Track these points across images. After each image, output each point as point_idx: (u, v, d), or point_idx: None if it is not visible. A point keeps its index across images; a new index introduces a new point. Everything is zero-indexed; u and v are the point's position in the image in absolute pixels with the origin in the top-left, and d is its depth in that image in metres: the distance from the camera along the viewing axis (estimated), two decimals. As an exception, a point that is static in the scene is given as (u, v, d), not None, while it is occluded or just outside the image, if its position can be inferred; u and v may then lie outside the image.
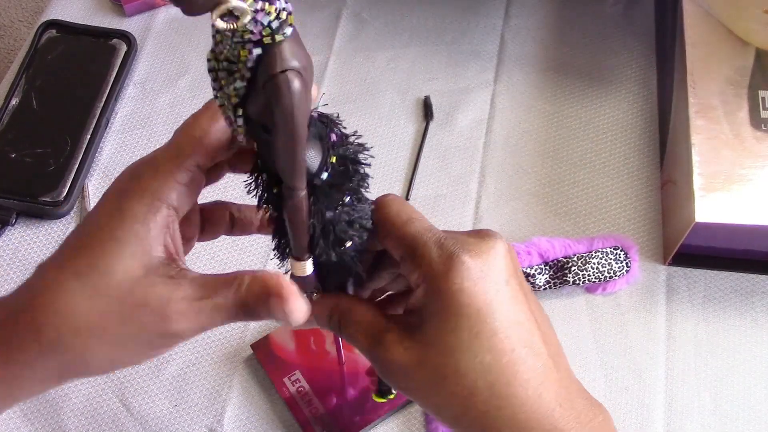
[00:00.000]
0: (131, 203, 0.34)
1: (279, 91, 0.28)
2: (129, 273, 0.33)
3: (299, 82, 0.28)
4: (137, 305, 0.33)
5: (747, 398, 0.57)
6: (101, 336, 0.34)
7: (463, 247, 0.35)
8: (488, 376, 0.34)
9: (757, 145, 0.58)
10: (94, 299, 0.33)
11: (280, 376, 0.57)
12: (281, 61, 0.28)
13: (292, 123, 0.29)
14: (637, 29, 0.74)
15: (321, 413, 0.55)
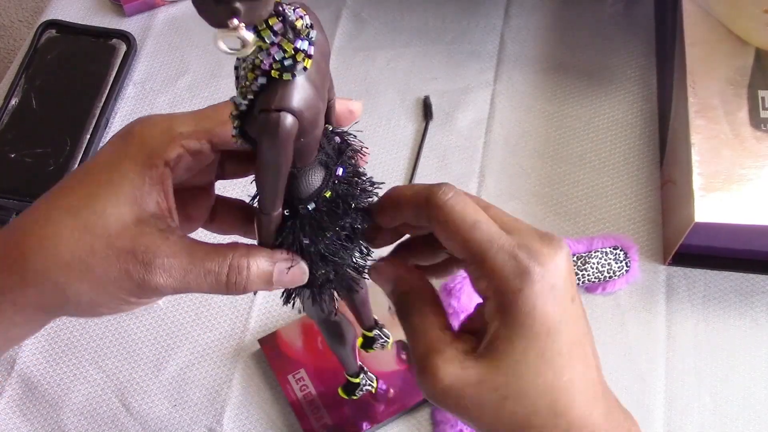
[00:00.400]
0: (133, 151, 0.34)
1: (267, 126, 0.29)
2: (120, 217, 0.34)
3: (289, 126, 0.29)
4: (124, 250, 0.33)
5: (747, 398, 0.57)
6: (85, 274, 0.34)
7: (536, 260, 0.33)
8: (550, 396, 0.34)
9: (757, 144, 0.58)
10: (83, 236, 0.33)
11: (285, 373, 0.57)
12: (279, 99, 0.29)
13: (270, 160, 0.30)
14: (637, 29, 0.74)
15: (323, 413, 0.55)
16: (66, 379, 0.59)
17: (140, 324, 0.61)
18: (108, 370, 0.59)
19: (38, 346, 0.60)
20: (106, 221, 0.33)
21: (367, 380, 0.52)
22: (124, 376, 0.59)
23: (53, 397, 0.58)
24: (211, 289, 0.35)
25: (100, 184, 0.34)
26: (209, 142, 0.36)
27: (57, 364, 0.59)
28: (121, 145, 0.35)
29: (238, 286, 0.35)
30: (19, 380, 0.59)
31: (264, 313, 0.61)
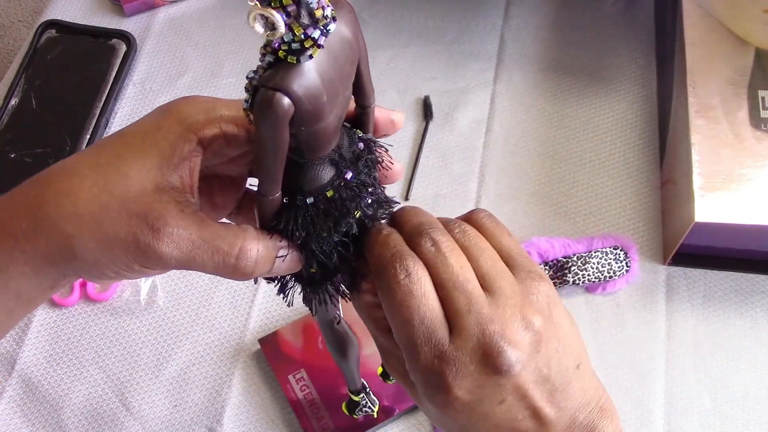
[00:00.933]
0: (169, 123, 0.35)
1: (261, 103, 0.29)
2: (141, 182, 0.34)
3: (283, 107, 0.29)
4: (136, 212, 0.33)
5: (746, 398, 0.57)
6: (93, 230, 0.33)
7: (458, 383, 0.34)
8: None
9: (757, 144, 0.58)
10: (101, 193, 0.33)
11: (285, 373, 0.57)
12: (279, 79, 0.29)
13: (263, 138, 0.30)
14: (637, 29, 0.74)
15: (323, 413, 0.55)
16: (66, 379, 0.59)
17: (140, 324, 0.61)
18: (108, 370, 0.59)
19: (39, 347, 0.60)
20: (126, 183, 0.33)
21: (368, 401, 0.52)
22: (125, 376, 0.59)
23: (54, 398, 0.58)
24: (216, 268, 0.35)
25: (130, 147, 0.34)
26: (247, 131, 0.36)
27: (57, 365, 0.59)
28: (160, 116, 0.35)
29: (246, 269, 0.35)
30: (20, 380, 0.59)
31: (264, 313, 0.61)
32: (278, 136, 0.31)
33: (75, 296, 0.61)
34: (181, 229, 0.33)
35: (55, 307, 0.62)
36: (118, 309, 0.61)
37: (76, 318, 0.61)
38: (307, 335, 0.59)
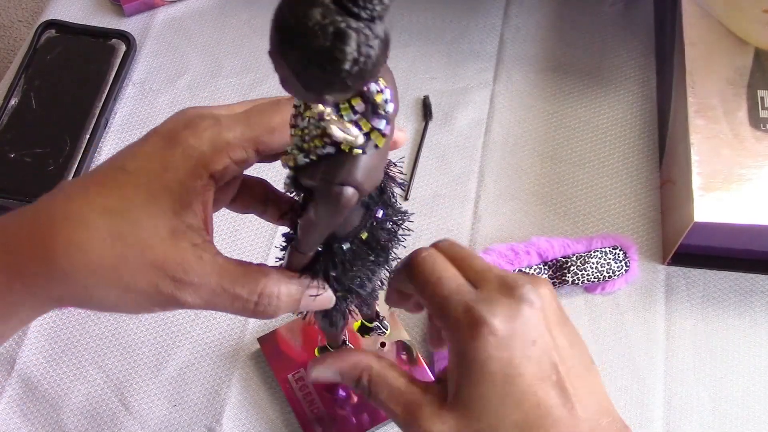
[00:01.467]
0: (177, 161, 0.33)
1: (327, 197, 0.29)
2: (155, 228, 0.33)
3: (349, 199, 0.29)
4: (154, 264, 0.33)
5: (746, 398, 0.57)
6: (113, 281, 0.33)
7: (491, 312, 0.35)
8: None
9: (757, 144, 0.58)
10: (115, 244, 0.32)
11: (284, 372, 0.57)
12: (346, 174, 0.28)
13: (322, 221, 0.30)
14: (637, 29, 0.74)
15: (322, 413, 0.55)
16: (66, 379, 0.59)
17: (140, 324, 0.61)
18: (108, 369, 0.59)
19: (38, 346, 0.60)
20: (140, 231, 0.32)
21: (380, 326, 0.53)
22: (124, 375, 0.59)
23: (53, 397, 0.58)
24: (237, 312, 0.35)
25: (138, 190, 0.33)
26: (255, 150, 0.35)
27: (57, 364, 0.59)
28: (165, 149, 0.34)
29: (267, 312, 0.35)
30: (19, 380, 0.59)
31: (263, 312, 0.61)
32: (339, 220, 0.31)
33: (74, 296, 0.61)
34: (201, 277, 0.33)
35: (55, 306, 0.62)
36: (118, 309, 0.61)
37: (75, 318, 0.61)
38: (306, 335, 0.59)
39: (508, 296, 0.36)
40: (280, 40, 0.24)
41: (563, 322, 0.40)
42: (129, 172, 0.33)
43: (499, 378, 0.35)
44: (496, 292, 0.36)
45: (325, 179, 0.29)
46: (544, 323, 0.37)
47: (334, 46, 0.23)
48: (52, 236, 0.33)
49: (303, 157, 0.30)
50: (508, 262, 0.60)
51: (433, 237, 0.64)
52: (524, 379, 0.36)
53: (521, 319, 0.36)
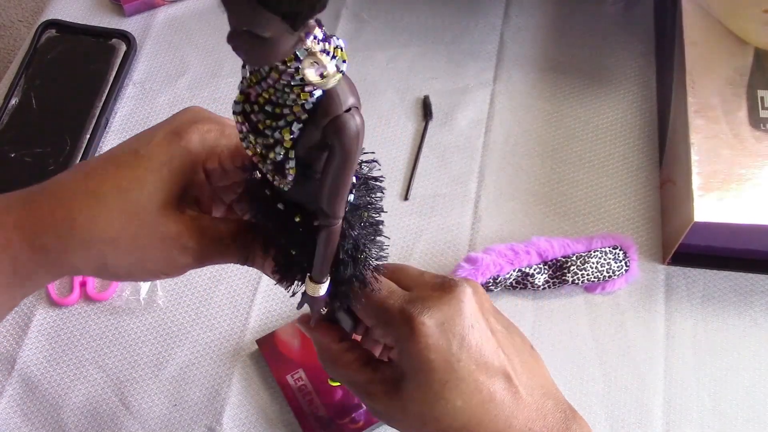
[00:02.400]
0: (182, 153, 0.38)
1: (343, 130, 0.29)
2: (163, 206, 0.37)
3: (359, 119, 0.29)
4: (165, 235, 0.37)
5: (746, 397, 0.57)
6: (129, 251, 0.38)
7: (423, 307, 0.39)
8: (461, 418, 0.39)
9: (756, 144, 0.58)
10: (131, 219, 0.37)
11: (283, 373, 0.57)
12: (344, 100, 0.29)
13: (353, 156, 0.30)
14: (637, 29, 0.74)
15: (322, 413, 0.56)
16: (66, 378, 0.59)
17: (140, 324, 0.61)
18: (108, 369, 0.59)
19: (38, 346, 0.60)
20: (152, 208, 0.37)
21: None
22: (124, 375, 0.59)
23: (53, 397, 0.58)
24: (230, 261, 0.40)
25: (149, 173, 0.37)
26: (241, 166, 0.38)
27: (57, 364, 0.59)
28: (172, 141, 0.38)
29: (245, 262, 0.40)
30: (20, 380, 0.59)
31: (263, 312, 0.61)
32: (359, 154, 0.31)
33: (75, 295, 0.61)
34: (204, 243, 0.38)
35: (55, 306, 0.62)
36: (118, 308, 0.61)
37: (75, 317, 0.61)
38: (304, 335, 0.59)
39: (441, 292, 0.40)
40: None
41: (496, 311, 0.43)
42: (141, 155, 0.37)
43: (439, 365, 0.38)
44: (429, 290, 0.40)
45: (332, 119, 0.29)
46: (480, 311, 0.40)
47: None
48: (73, 210, 0.36)
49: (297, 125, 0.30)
50: (508, 261, 0.60)
51: (434, 237, 0.64)
52: (464, 364, 0.38)
53: (455, 310, 0.39)
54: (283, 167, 0.31)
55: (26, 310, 0.62)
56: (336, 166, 0.30)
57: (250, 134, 0.32)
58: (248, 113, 0.31)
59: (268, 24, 0.25)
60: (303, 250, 0.36)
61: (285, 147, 0.31)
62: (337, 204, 0.33)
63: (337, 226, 0.34)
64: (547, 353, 0.58)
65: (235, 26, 0.26)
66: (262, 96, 0.30)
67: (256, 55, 0.27)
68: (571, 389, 0.57)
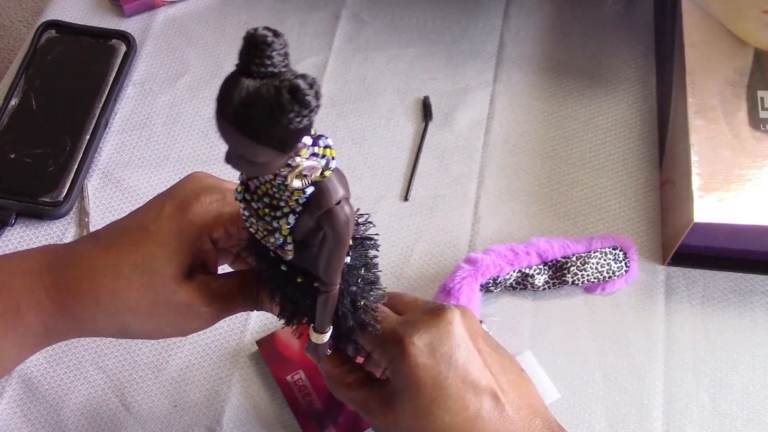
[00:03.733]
0: (186, 227, 0.41)
1: (335, 220, 0.33)
2: (176, 276, 0.41)
3: (348, 209, 0.33)
4: (180, 303, 0.42)
5: (745, 398, 0.57)
6: (148, 320, 0.42)
7: (413, 330, 0.43)
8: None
9: (756, 145, 0.58)
10: (147, 292, 0.41)
11: (284, 374, 0.57)
12: (334, 194, 0.32)
13: (345, 240, 0.34)
14: (637, 29, 0.74)
15: (322, 413, 0.56)
16: (66, 379, 0.59)
17: (140, 324, 0.61)
18: (108, 370, 0.59)
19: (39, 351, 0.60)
20: (166, 281, 0.41)
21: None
22: (125, 376, 0.59)
23: (54, 398, 0.58)
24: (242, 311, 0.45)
25: (160, 248, 0.41)
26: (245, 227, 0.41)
27: (57, 365, 0.59)
28: (179, 215, 0.42)
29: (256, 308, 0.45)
30: (20, 381, 0.59)
31: (263, 313, 0.61)
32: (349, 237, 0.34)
33: (75, 296, 0.61)
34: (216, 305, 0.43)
35: (55, 307, 0.62)
36: (118, 309, 0.61)
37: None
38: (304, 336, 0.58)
39: (430, 316, 0.43)
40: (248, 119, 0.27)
41: (485, 335, 0.46)
42: (152, 232, 0.41)
43: (427, 382, 0.41)
44: (420, 314, 0.44)
45: (325, 211, 0.32)
46: (467, 333, 0.43)
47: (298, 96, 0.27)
48: (96, 284, 0.41)
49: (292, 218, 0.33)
50: (508, 262, 0.60)
51: (433, 237, 0.64)
52: (451, 382, 0.41)
53: (444, 332, 0.42)
54: (283, 249, 0.36)
55: (26, 310, 0.62)
56: (329, 248, 0.34)
57: (251, 218, 0.36)
58: (249, 201, 0.35)
59: (262, 152, 0.29)
60: (306, 302, 0.40)
61: (283, 235, 0.34)
62: (333, 275, 0.37)
63: (334, 291, 0.38)
64: (547, 353, 0.59)
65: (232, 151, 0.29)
66: (260, 188, 0.34)
67: (251, 171, 0.32)
68: (571, 389, 0.57)
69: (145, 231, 0.42)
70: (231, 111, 0.28)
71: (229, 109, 0.28)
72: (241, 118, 0.28)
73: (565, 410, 0.57)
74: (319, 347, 0.43)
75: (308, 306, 0.40)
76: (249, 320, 0.61)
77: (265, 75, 0.28)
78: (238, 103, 0.27)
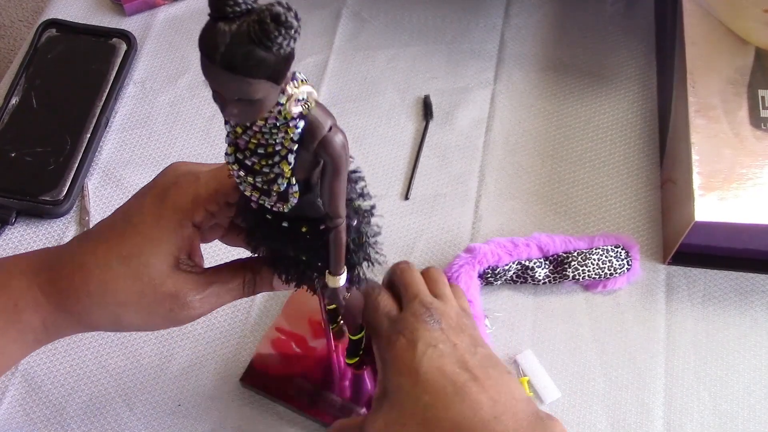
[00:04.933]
0: (168, 214, 0.42)
1: (332, 146, 0.34)
2: (161, 266, 0.42)
3: (341, 133, 0.34)
4: (168, 294, 0.42)
5: (746, 397, 0.57)
6: (136, 311, 0.43)
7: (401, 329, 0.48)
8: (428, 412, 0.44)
9: (757, 144, 0.58)
10: (135, 283, 0.42)
11: (284, 390, 0.57)
12: (324, 122, 0.33)
13: (344, 164, 0.35)
14: (637, 28, 0.74)
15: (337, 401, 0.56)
16: (70, 379, 0.59)
17: (141, 323, 0.61)
18: (112, 370, 0.59)
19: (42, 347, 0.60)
20: (151, 271, 0.42)
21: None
22: (128, 376, 0.59)
23: (57, 398, 0.58)
24: (234, 299, 0.45)
25: (145, 238, 0.42)
26: (226, 203, 0.43)
27: (61, 365, 0.59)
28: (158, 205, 0.42)
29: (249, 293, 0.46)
30: (23, 380, 0.59)
31: (264, 311, 0.61)
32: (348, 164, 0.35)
33: (76, 296, 0.61)
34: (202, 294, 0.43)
35: (56, 306, 0.62)
36: (119, 308, 0.61)
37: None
38: (281, 347, 0.58)
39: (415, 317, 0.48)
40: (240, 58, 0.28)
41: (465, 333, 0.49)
42: (136, 224, 0.42)
43: (408, 370, 0.45)
44: (410, 315, 0.48)
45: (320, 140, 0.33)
46: (444, 334, 0.47)
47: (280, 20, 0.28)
48: (87, 278, 0.42)
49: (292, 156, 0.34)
50: (507, 252, 0.60)
51: (434, 236, 0.64)
52: (429, 370, 0.45)
53: (422, 332, 0.47)
54: (286, 194, 0.36)
55: (27, 309, 0.62)
56: (331, 176, 0.35)
57: (248, 176, 0.36)
58: (242, 160, 0.35)
59: (259, 88, 0.30)
60: (314, 254, 0.40)
61: (286, 177, 0.35)
62: (339, 205, 0.37)
63: (343, 225, 0.38)
64: (548, 352, 0.59)
65: (227, 98, 0.30)
66: (251, 143, 0.34)
67: (249, 115, 0.32)
68: (572, 388, 0.57)
69: (129, 223, 0.43)
70: (221, 57, 0.28)
71: (218, 56, 0.29)
72: (234, 59, 0.28)
73: (566, 409, 0.57)
74: (338, 292, 0.43)
75: (317, 255, 0.40)
76: (250, 318, 0.61)
77: (240, 14, 0.29)
78: (227, 47, 0.28)
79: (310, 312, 0.59)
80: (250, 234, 0.42)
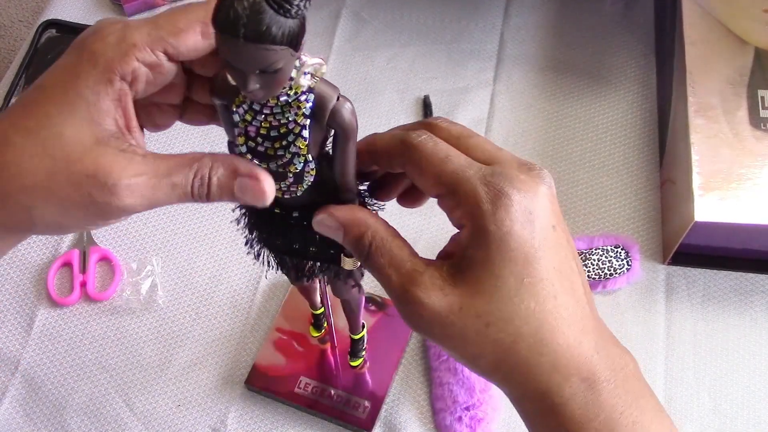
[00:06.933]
0: (86, 68, 0.33)
1: (342, 115, 0.34)
2: (78, 138, 0.33)
3: (349, 102, 0.34)
4: (85, 174, 0.33)
5: (746, 397, 0.57)
6: (47, 197, 0.33)
7: (512, 184, 0.33)
8: (533, 323, 0.33)
9: (757, 144, 0.58)
10: (42, 158, 0.33)
11: (288, 389, 0.57)
12: (332, 93, 0.34)
13: (355, 131, 0.35)
14: (637, 28, 0.75)
15: (342, 396, 0.56)
16: (70, 379, 0.59)
17: (141, 323, 0.61)
18: (111, 369, 0.59)
19: (42, 347, 0.60)
20: (64, 144, 0.32)
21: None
22: (128, 376, 0.59)
23: (57, 397, 0.58)
24: (179, 200, 0.35)
25: (56, 104, 0.33)
26: (165, 53, 0.34)
27: (60, 365, 0.59)
28: (75, 60, 0.33)
29: (202, 196, 0.35)
30: (23, 380, 0.59)
31: (264, 310, 0.61)
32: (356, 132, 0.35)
33: (75, 295, 0.61)
34: (135, 178, 0.33)
35: (56, 306, 0.62)
36: (119, 308, 0.61)
37: (77, 317, 0.61)
38: (284, 348, 0.58)
39: (527, 174, 0.34)
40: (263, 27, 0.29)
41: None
42: (46, 87, 0.34)
43: (519, 257, 0.33)
44: (514, 169, 0.34)
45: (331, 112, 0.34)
46: (560, 211, 0.35)
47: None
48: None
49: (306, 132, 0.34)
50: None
51: (434, 237, 0.64)
52: (543, 264, 0.33)
53: (541, 200, 0.34)
54: (302, 174, 0.35)
55: (28, 310, 0.62)
56: (343, 145, 0.35)
57: (261, 164, 0.35)
58: (254, 148, 0.35)
59: (280, 56, 0.30)
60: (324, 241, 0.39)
61: (303, 155, 0.35)
62: (352, 174, 0.37)
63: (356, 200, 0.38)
64: (548, 353, 0.59)
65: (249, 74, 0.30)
66: (262, 127, 0.34)
67: (271, 88, 0.32)
68: (572, 388, 0.57)
69: (40, 90, 0.34)
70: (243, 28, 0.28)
71: (240, 28, 0.28)
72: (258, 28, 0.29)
73: (566, 409, 0.57)
74: (355, 272, 0.42)
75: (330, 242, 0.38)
76: (250, 318, 0.61)
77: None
78: (248, 17, 0.28)
79: (308, 309, 0.59)
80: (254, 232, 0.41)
